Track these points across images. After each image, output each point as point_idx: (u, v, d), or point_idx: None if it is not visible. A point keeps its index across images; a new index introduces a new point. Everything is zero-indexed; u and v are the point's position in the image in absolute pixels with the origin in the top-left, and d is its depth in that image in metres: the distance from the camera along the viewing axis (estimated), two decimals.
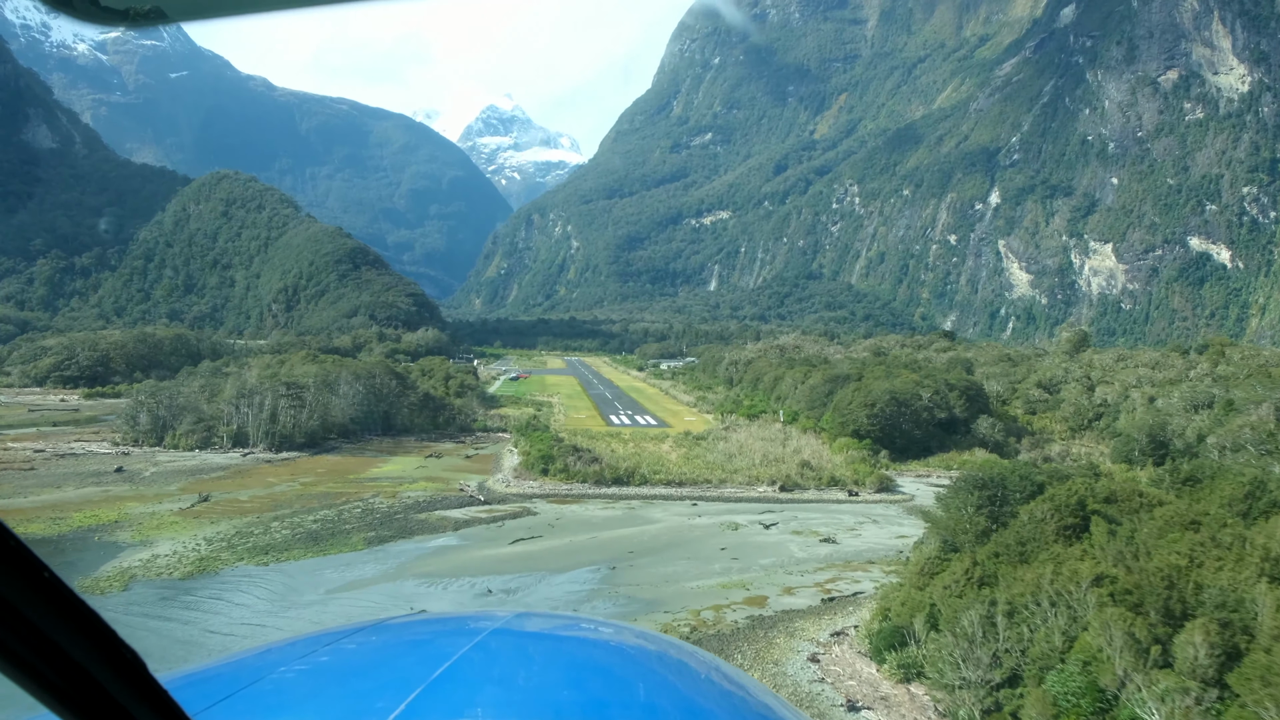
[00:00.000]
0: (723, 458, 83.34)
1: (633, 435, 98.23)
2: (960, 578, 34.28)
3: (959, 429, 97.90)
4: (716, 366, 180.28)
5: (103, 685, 1.83)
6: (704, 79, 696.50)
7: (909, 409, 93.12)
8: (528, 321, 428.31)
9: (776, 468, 78.10)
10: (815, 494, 74.04)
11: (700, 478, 75.72)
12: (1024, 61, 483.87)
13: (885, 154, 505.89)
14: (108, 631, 1.83)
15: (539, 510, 66.35)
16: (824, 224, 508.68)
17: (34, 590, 1.69)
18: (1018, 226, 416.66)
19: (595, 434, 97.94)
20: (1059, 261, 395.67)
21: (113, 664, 1.85)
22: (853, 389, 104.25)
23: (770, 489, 73.92)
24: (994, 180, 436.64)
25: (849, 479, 76.19)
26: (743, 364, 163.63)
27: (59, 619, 1.73)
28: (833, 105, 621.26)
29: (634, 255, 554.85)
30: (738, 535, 59.98)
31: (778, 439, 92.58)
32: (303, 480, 75.25)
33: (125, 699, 1.88)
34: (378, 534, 57.00)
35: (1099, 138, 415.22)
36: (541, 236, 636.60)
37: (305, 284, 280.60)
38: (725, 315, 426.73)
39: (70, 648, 1.75)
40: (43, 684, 1.76)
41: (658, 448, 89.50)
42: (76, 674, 1.78)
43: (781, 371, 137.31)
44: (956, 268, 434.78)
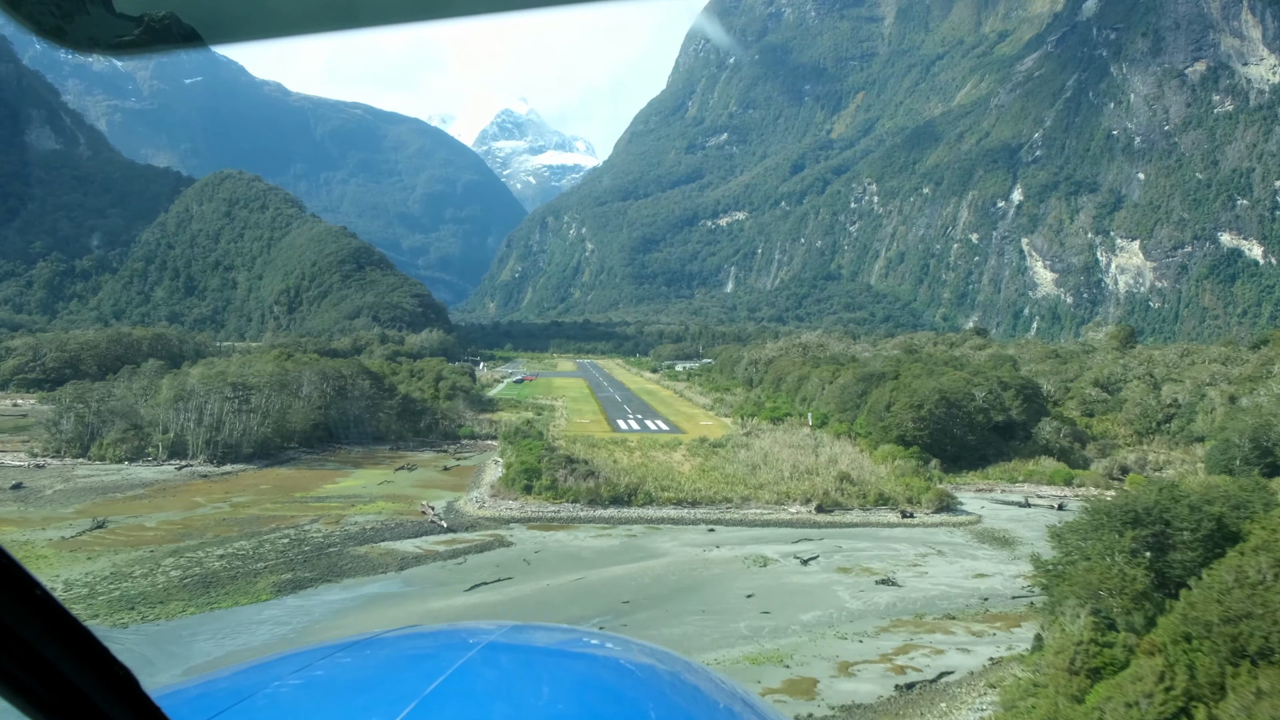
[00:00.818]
0: (745, 469, 69.11)
1: (640, 443, 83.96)
2: (1156, 691, 20.09)
3: (1017, 433, 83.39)
4: (735, 366, 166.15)
5: (95, 702, 1.81)
6: (719, 79, 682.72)
7: (960, 411, 78.77)
8: (540, 324, 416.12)
9: (810, 482, 63.88)
10: (860, 515, 59.58)
11: (718, 495, 61.36)
12: (1045, 56, 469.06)
13: (904, 152, 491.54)
14: (100, 648, 1.81)
15: (516, 539, 52.14)
16: (842, 224, 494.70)
17: (25, 607, 1.67)
18: (1041, 224, 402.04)
19: (598, 441, 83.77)
20: (1084, 259, 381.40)
21: (105, 681, 1.83)
22: (889, 389, 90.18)
23: (804, 509, 59.51)
24: (1016, 177, 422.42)
25: (899, 496, 61.64)
26: (763, 363, 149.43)
27: (50, 636, 1.71)
28: (850, 104, 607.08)
29: (649, 257, 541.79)
30: (768, 574, 45.58)
31: (808, 446, 78.47)
32: (236, 500, 61.20)
33: (117, 715, 1.85)
34: (295, 576, 42.59)
35: (1124, 132, 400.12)
36: (556, 239, 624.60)
37: (308, 285, 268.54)
38: (742, 317, 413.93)
39: (62, 665, 1.73)
40: (35, 702, 1.73)
41: (668, 457, 75.25)
42: (69, 691, 1.76)
43: (806, 370, 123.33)
44: (978, 267, 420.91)
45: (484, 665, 3.36)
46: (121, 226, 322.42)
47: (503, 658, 3.61)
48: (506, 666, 3.53)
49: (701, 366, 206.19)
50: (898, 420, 77.52)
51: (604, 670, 3.71)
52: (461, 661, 3.25)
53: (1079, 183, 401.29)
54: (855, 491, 62.25)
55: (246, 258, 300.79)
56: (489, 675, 3.29)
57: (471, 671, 3.20)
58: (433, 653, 3.71)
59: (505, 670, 3.47)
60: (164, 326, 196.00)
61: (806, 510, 59.30)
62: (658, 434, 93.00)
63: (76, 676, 1.75)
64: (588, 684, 3.47)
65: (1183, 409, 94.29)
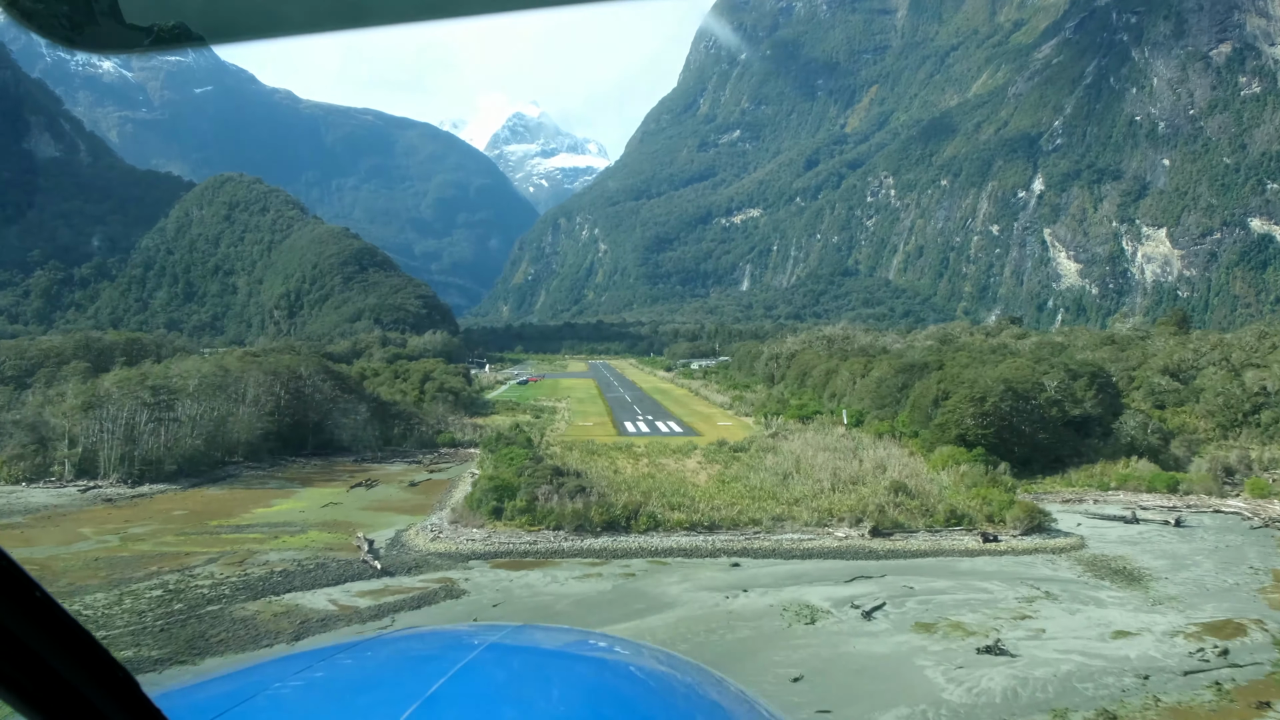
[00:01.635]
0: (774, 479, 55.46)
1: (649, 447, 70.09)
2: None
3: (1093, 430, 69.53)
4: (754, 362, 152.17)
5: (95, 705, 1.78)
6: (731, 76, 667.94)
7: (1028, 405, 65.00)
8: (553, 326, 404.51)
9: (857, 495, 50.11)
10: (928, 539, 45.73)
11: (743, 515, 47.50)
12: (1063, 43, 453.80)
13: (920, 144, 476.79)
14: (100, 651, 1.79)
15: (471, 584, 38.37)
16: (859, 218, 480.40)
17: (25, 610, 1.66)
18: (1064, 214, 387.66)
19: (599, 447, 70.07)
20: (1109, 249, 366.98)
21: (105, 684, 1.81)
22: (935, 380, 76.66)
23: (855, 532, 45.77)
24: (1036, 167, 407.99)
25: (975, 512, 47.72)
26: (785, 358, 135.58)
27: (51, 639, 1.70)
28: (863, 98, 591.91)
29: (663, 257, 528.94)
30: (818, 636, 31.79)
31: (846, 449, 64.71)
32: (133, 531, 47.54)
33: (118, 717, 1.83)
34: (136, 655, 29.10)
35: (1148, 118, 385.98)
36: (568, 241, 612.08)
37: (309, 288, 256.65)
38: (759, 315, 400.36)
39: (62, 667, 1.72)
40: (35, 704, 1.71)
41: (680, 465, 61.58)
42: (69, 694, 1.74)
43: (834, 364, 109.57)
44: (1000, 259, 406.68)
45: (487, 666, 3.33)
46: (121, 233, 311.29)
47: (506, 658, 3.57)
48: (510, 667, 3.50)
49: (718, 364, 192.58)
50: (955, 416, 63.48)
51: (610, 673, 3.66)
52: (464, 662, 3.23)
53: (1102, 170, 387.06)
54: (916, 507, 48.33)
55: (247, 262, 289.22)
56: (492, 676, 3.26)
57: (474, 672, 3.17)
58: (436, 653, 3.69)
59: (509, 671, 3.45)
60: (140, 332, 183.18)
61: (858, 534, 45.49)
62: (669, 437, 79.27)
63: (77, 679, 1.74)
64: (592, 686, 3.43)
65: (1273, 397, 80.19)
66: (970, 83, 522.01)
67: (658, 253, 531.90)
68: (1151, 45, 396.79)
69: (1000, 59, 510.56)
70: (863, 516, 46.73)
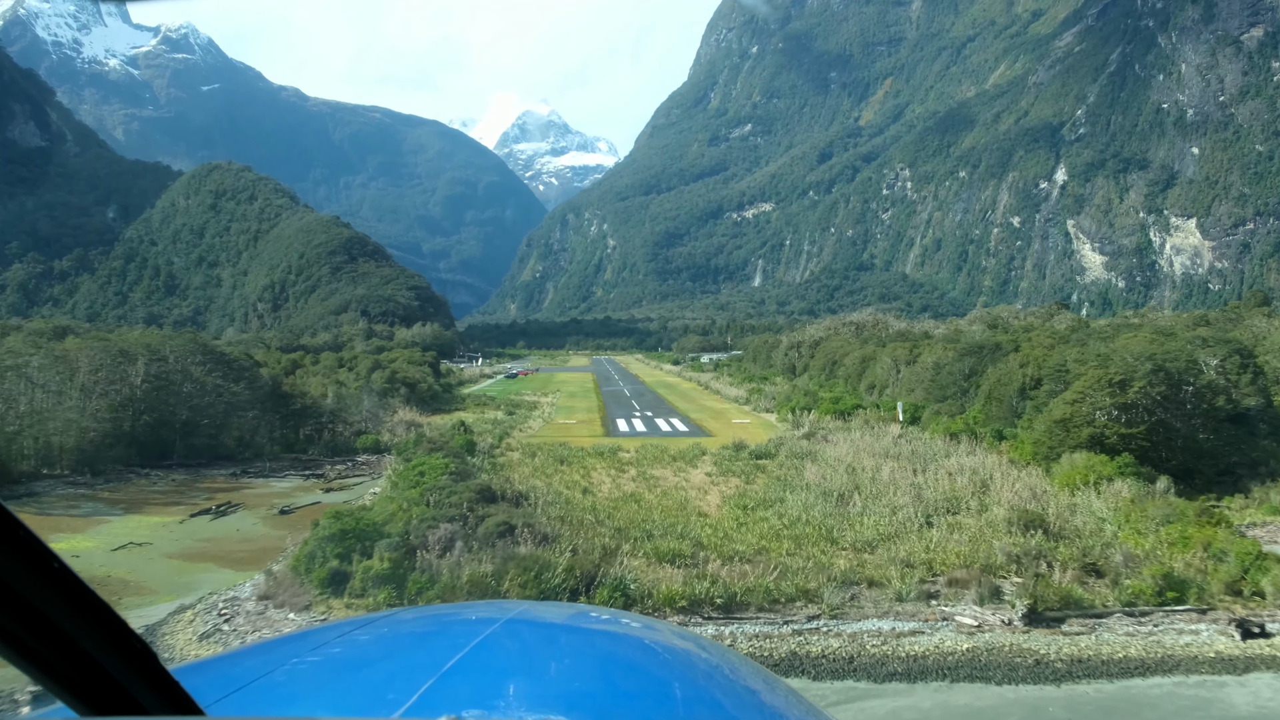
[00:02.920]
0: (823, 502, 34.48)
1: (642, 452, 49.08)
2: None
3: (1256, 427, 48.94)
4: (771, 353, 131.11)
5: (114, 675, 1.77)
6: (742, 69, 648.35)
7: (1179, 393, 44.43)
8: (558, 322, 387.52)
9: (962, 532, 30.05)
10: (1131, 628, 24.21)
11: (785, 581, 26.37)
12: (1086, 30, 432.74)
13: (937, 136, 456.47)
14: (119, 622, 1.76)
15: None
16: (874, 211, 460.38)
17: (44, 580, 1.62)
18: (1088, 205, 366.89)
19: (574, 452, 49.12)
20: (1136, 240, 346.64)
21: (124, 655, 1.78)
22: (1016, 364, 56.40)
23: (992, 614, 24.65)
24: (1059, 157, 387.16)
25: (1190, 570, 26.40)
26: (808, 345, 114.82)
27: (69, 609, 1.67)
28: (878, 91, 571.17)
29: (673, 252, 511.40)
30: None
31: (908, 454, 44.52)
32: None
33: (136, 689, 1.81)
34: None
35: (1175, 105, 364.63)
36: (577, 237, 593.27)
37: (294, 279, 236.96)
38: (771, 311, 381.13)
39: (81, 638, 1.69)
40: (53, 675, 1.70)
41: (682, 479, 40.81)
42: (87, 664, 1.73)
43: (871, 350, 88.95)
44: (1021, 252, 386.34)
45: (505, 639, 3.30)
46: (105, 225, 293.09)
47: (525, 632, 3.53)
48: (528, 641, 3.44)
49: (730, 358, 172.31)
50: (1083, 410, 42.60)
51: (626, 646, 3.62)
52: (483, 636, 3.20)
53: (1127, 160, 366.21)
54: (1074, 560, 27.71)
55: (232, 253, 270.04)
56: (510, 649, 3.23)
57: (493, 645, 3.15)
58: (453, 628, 3.65)
59: (527, 644, 3.38)
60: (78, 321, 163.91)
61: (999, 618, 24.29)
62: (671, 438, 58.41)
63: (95, 650, 1.72)
64: (610, 658, 3.40)
65: None
66: (988, 74, 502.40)
67: (667, 248, 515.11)
68: (1180, 30, 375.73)
69: (1018, 50, 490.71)
70: (995, 575, 26.11)
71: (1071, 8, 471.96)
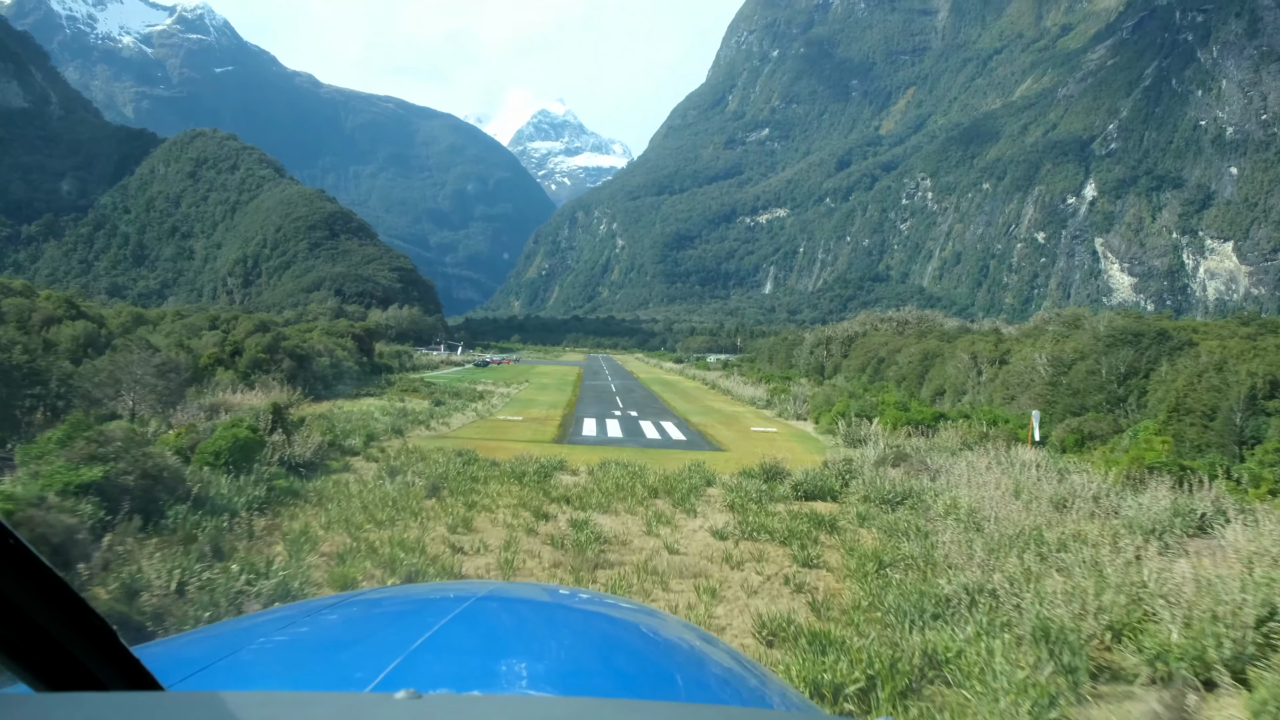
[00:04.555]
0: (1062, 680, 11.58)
1: (602, 475, 25.54)
2: None
3: None
4: (793, 350, 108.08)
5: (73, 654, 1.70)
6: (761, 73, 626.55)
7: None
8: (558, 319, 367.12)
9: None
10: None
11: None
12: (1120, 44, 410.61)
13: (960, 147, 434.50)
14: (78, 601, 1.67)
15: None
16: (892, 221, 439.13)
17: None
18: (1118, 223, 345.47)
19: (490, 468, 26.34)
20: (1168, 262, 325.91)
21: (83, 633, 1.71)
22: (1212, 363, 34.11)
23: None
24: (1089, 172, 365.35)
25: None
26: (840, 342, 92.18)
27: (26, 586, 1.58)
28: (900, 100, 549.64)
29: (683, 255, 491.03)
30: None
31: (1094, 496, 21.80)
32: None
33: (96, 667, 1.75)
34: None
35: (1214, 122, 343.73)
36: (585, 235, 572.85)
37: (269, 253, 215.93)
38: (782, 319, 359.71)
39: (38, 615, 1.61)
40: (10, 652, 1.63)
41: (664, 541, 16.97)
42: (45, 642, 1.65)
43: (934, 345, 66.52)
44: (1045, 269, 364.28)
45: (475, 617, 3.25)
46: (81, 190, 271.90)
47: (494, 610, 3.49)
48: (497, 618, 3.40)
49: (740, 359, 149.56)
50: None
51: (597, 622, 3.60)
52: (452, 615, 3.17)
53: (1161, 178, 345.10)
54: None
55: (207, 224, 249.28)
56: (479, 627, 3.17)
57: (463, 624, 3.11)
58: (424, 606, 3.60)
59: (496, 622, 3.34)
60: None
61: None
62: (659, 450, 35.53)
63: (53, 628, 1.65)
64: (580, 634, 3.38)
65: None
66: (1014, 87, 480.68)
67: (677, 250, 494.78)
68: (1221, 45, 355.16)
69: (1047, 63, 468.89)
70: None
71: (1104, 22, 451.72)
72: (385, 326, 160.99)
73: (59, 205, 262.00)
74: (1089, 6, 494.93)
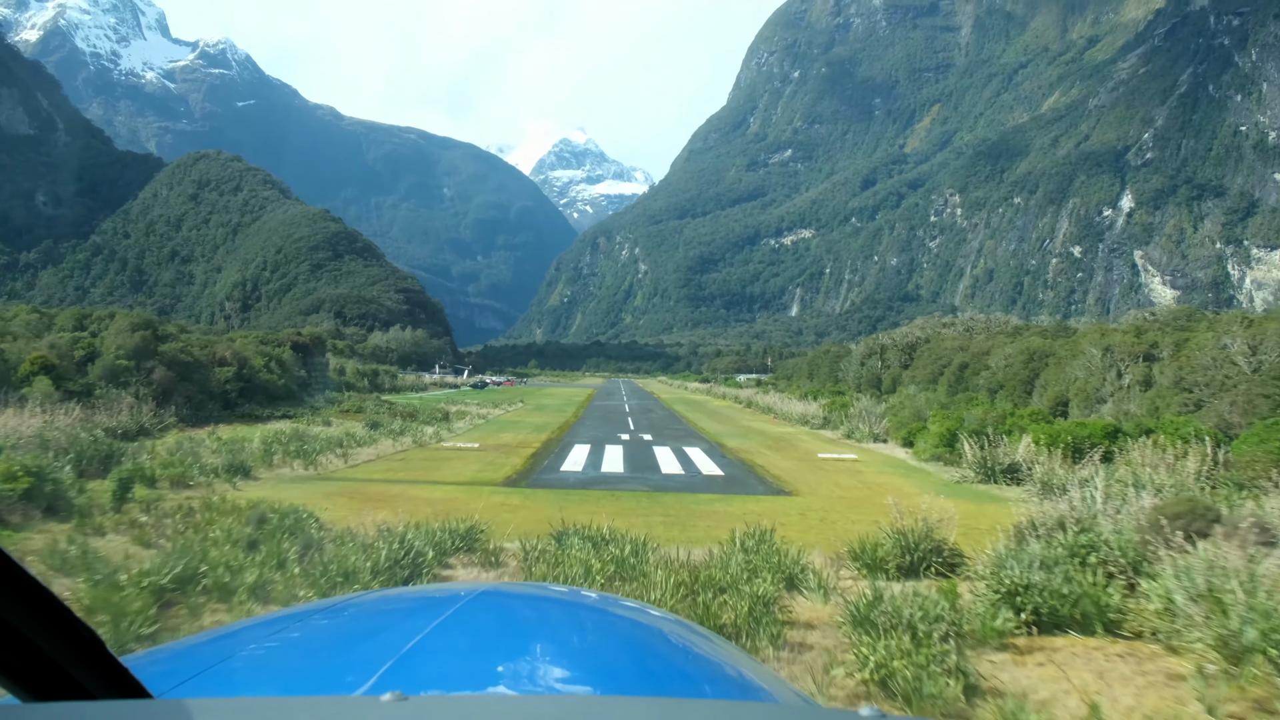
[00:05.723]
0: None
1: (539, 572, 11.63)
2: None
3: None
4: (838, 363, 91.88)
5: (59, 664, 1.63)
6: (783, 94, 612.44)
7: None
8: (579, 345, 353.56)
9: None
10: None
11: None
12: (1152, 51, 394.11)
13: (989, 161, 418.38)
14: (62, 609, 1.62)
15: None
16: (920, 239, 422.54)
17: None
18: (1158, 234, 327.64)
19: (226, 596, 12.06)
20: (1212, 273, 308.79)
21: (69, 642, 1.64)
22: None
23: None
24: (1125, 183, 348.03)
25: None
26: (900, 349, 76.45)
27: (9, 597, 1.52)
28: (924, 117, 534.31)
29: (706, 278, 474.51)
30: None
31: None
32: None
33: (84, 677, 1.68)
34: None
35: (1255, 128, 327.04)
36: (607, 261, 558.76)
37: (269, 276, 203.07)
38: (810, 341, 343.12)
39: (23, 626, 1.55)
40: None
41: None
42: (30, 652, 1.58)
43: (1040, 343, 51.12)
44: (1082, 284, 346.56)
45: (468, 618, 3.15)
46: (84, 215, 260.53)
47: (488, 611, 3.39)
48: (492, 619, 3.30)
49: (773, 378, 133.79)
50: None
51: (592, 621, 3.49)
52: (445, 616, 3.09)
53: (1201, 186, 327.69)
54: None
55: (208, 247, 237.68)
56: (473, 628, 3.07)
57: (455, 624, 3.02)
58: (416, 609, 3.51)
59: (490, 622, 3.23)
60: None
61: None
62: (680, 493, 21.01)
63: (38, 638, 1.58)
64: (577, 632, 3.28)
65: None
66: (1041, 101, 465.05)
67: (701, 274, 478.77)
68: (1261, 48, 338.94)
69: (1074, 76, 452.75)
70: None
71: (1132, 32, 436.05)
72: (385, 349, 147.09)
73: (60, 232, 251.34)
74: (1115, 18, 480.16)
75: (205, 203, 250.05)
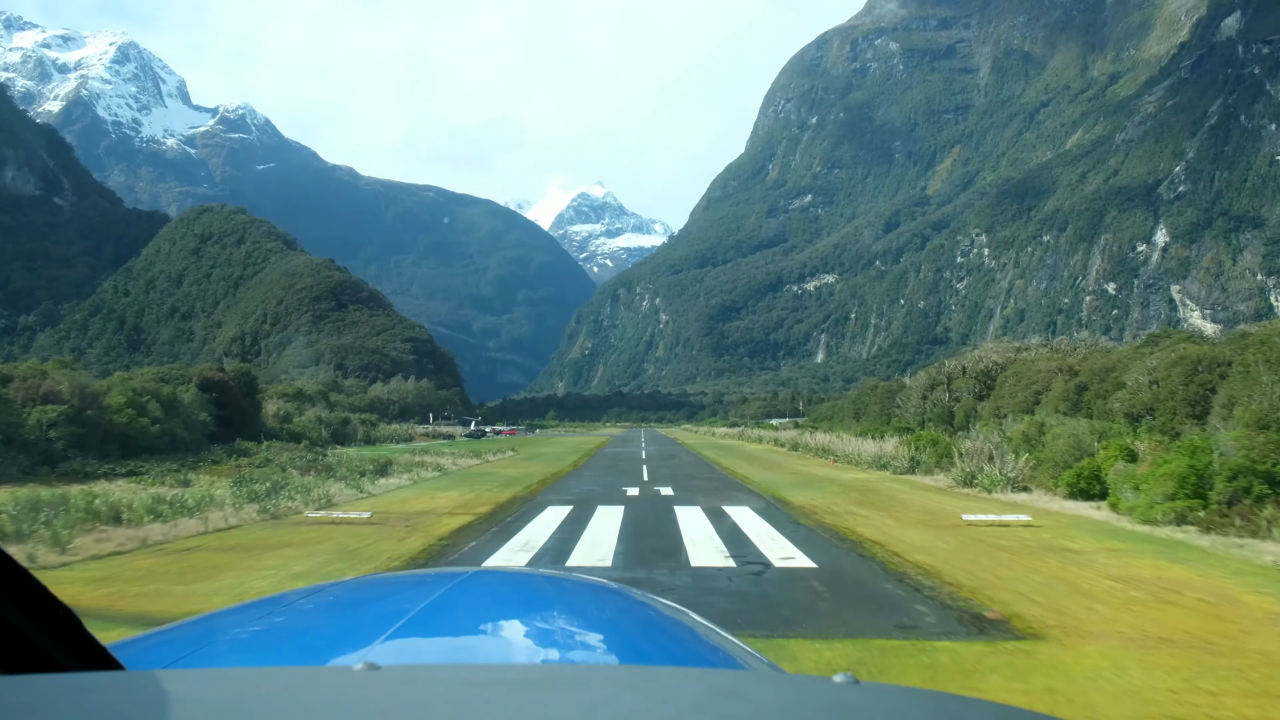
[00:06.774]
0: None
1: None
2: None
3: None
4: (890, 398, 78.07)
5: (33, 640, 1.58)
6: (801, 140, 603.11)
7: None
8: (600, 396, 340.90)
9: None
10: None
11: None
12: (1179, 84, 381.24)
13: (1015, 200, 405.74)
14: (37, 586, 1.57)
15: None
16: (948, 281, 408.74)
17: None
18: (1195, 268, 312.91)
19: None
20: (1254, 306, 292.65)
21: (43, 618, 1.60)
22: None
23: None
24: (1158, 217, 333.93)
25: None
26: (973, 377, 62.97)
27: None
28: (945, 159, 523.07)
29: (729, 327, 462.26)
30: None
31: None
32: None
33: (60, 656, 1.63)
34: None
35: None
36: (628, 313, 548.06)
37: (269, 329, 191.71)
38: (837, 388, 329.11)
39: None
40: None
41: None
42: (5, 629, 1.53)
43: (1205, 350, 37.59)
44: (1119, 321, 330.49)
45: (457, 598, 3.16)
46: (86, 276, 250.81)
47: (478, 591, 3.39)
48: (481, 600, 3.30)
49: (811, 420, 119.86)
50: None
51: (578, 601, 3.51)
52: (434, 597, 3.10)
53: (1238, 218, 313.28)
54: None
55: (208, 302, 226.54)
56: (462, 608, 3.09)
57: (444, 605, 3.02)
58: (401, 591, 3.50)
59: (470, 604, 3.22)
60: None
61: None
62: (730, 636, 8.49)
63: (13, 615, 1.53)
64: (569, 610, 3.31)
65: None
66: (1065, 138, 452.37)
67: (723, 322, 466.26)
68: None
69: (1097, 112, 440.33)
70: None
71: (1155, 67, 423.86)
72: (385, 400, 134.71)
73: (61, 293, 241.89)
74: (1137, 54, 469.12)
75: (207, 256, 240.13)
